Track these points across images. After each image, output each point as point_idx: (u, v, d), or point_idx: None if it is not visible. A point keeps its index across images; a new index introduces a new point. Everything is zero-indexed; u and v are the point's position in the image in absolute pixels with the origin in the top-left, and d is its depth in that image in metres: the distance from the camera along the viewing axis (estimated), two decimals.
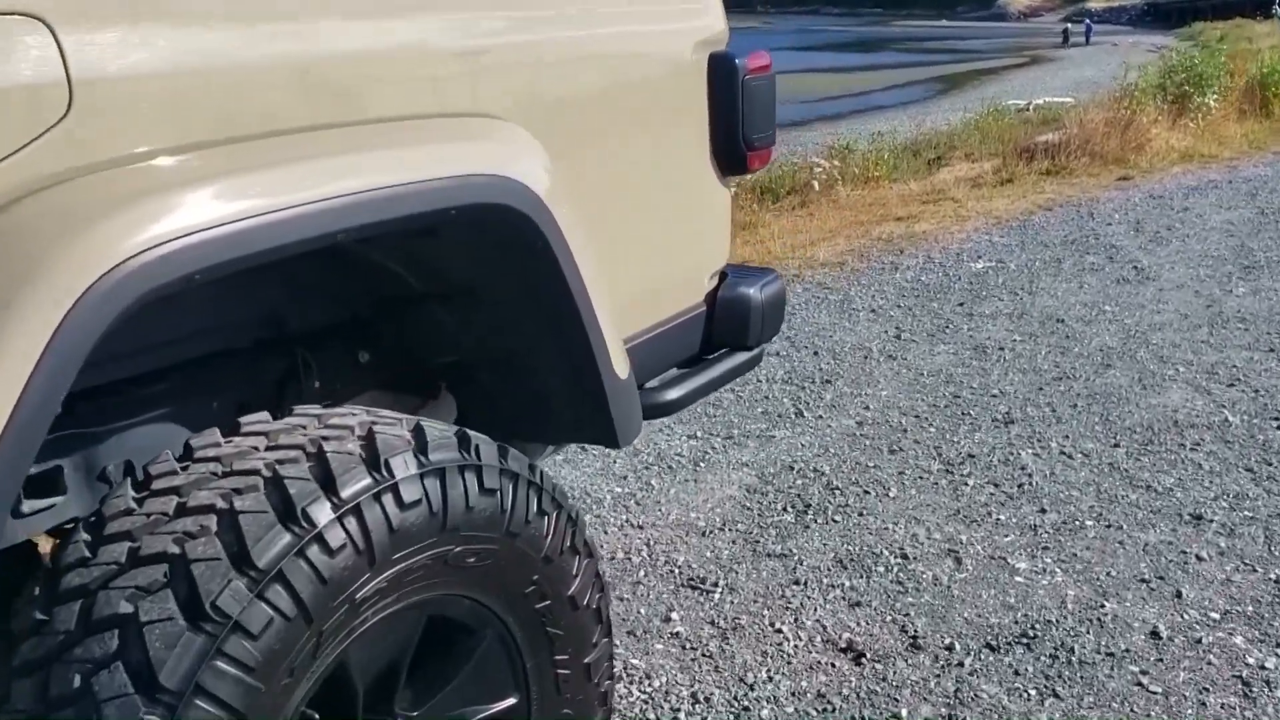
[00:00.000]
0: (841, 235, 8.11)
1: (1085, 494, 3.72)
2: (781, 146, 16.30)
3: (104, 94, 1.26)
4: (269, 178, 1.37)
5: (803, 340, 5.51)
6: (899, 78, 40.00)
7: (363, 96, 1.53)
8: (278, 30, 1.44)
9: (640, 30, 2.20)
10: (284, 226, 1.35)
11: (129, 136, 1.26)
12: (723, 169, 2.44)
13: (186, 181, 1.29)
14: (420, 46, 1.65)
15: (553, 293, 1.83)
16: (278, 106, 1.42)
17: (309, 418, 1.58)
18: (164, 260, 1.24)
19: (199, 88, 1.33)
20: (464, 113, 1.73)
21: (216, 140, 1.34)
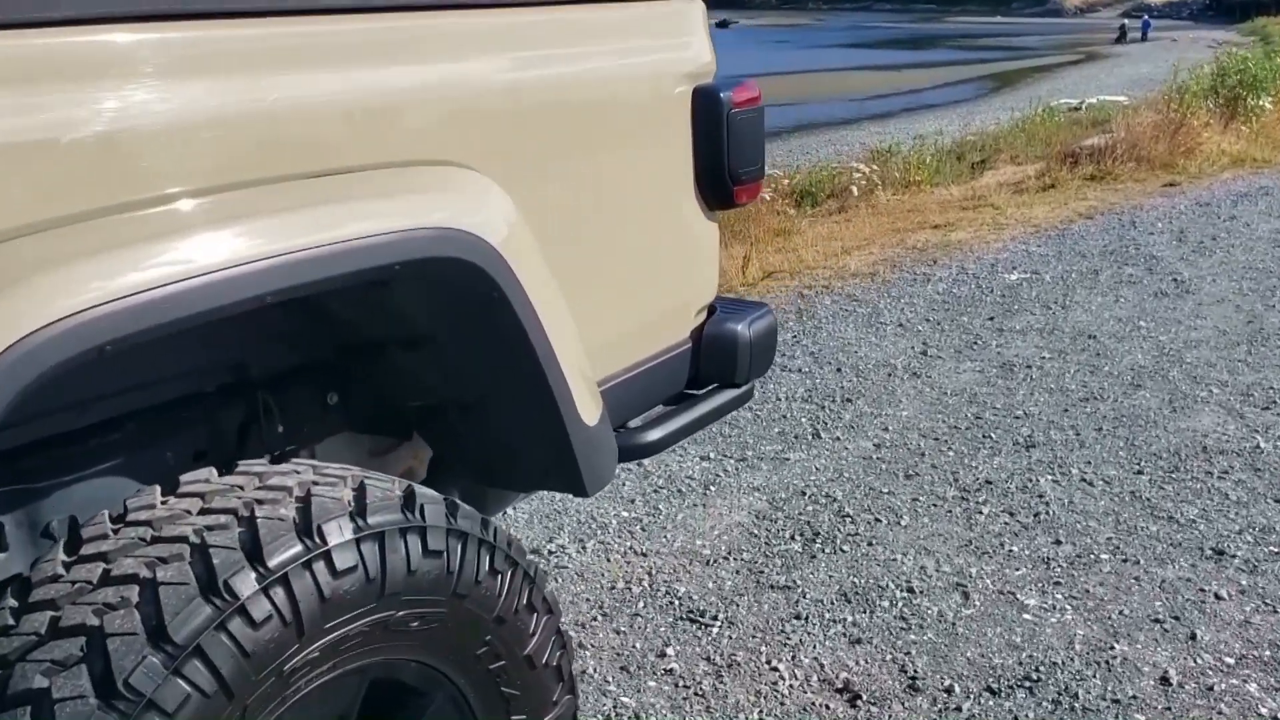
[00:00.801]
0: (876, 243, 8.00)
1: (1103, 525, 3.62)
2: (827, 147, 16.33)
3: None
4: (182, 245, 1.33)
5: (827, 356, 5.43)
6: (950, 75, 39.57)
7: (299, 152, 1.50)
8: (199, 87, 1.40)
9: (620, 67, 2.14)
10: (196, 294, 1.32)
11: (28, 205, 1.23)
12: (709, 203, 2.38)
13: (93, 251, 1.26)
14: (368, 98, 1.61)
15: (511, 343, 1.79)
16: (197, 167, 1.38)
17: (250, 476, 1.54)
18: (68, 335, 1.21)
19: (105, 151, 1.29)
20: (418, 161, 1.69)
21: (127, 205, 1.30)
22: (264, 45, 1.48)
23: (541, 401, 1.86)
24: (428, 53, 1.74)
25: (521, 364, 1.82)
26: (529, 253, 1.83)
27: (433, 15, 1.77)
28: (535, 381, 1.84)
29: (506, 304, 1.74)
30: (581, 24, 2.07)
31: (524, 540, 3.57)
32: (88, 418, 1.69)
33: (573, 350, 1.94)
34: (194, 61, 1.42)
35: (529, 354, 1.80)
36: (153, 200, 1.32)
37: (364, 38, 1.62)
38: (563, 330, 1.91)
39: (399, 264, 1.57)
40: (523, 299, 1.76)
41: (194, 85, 1.40)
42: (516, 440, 1.97)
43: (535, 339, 1.80)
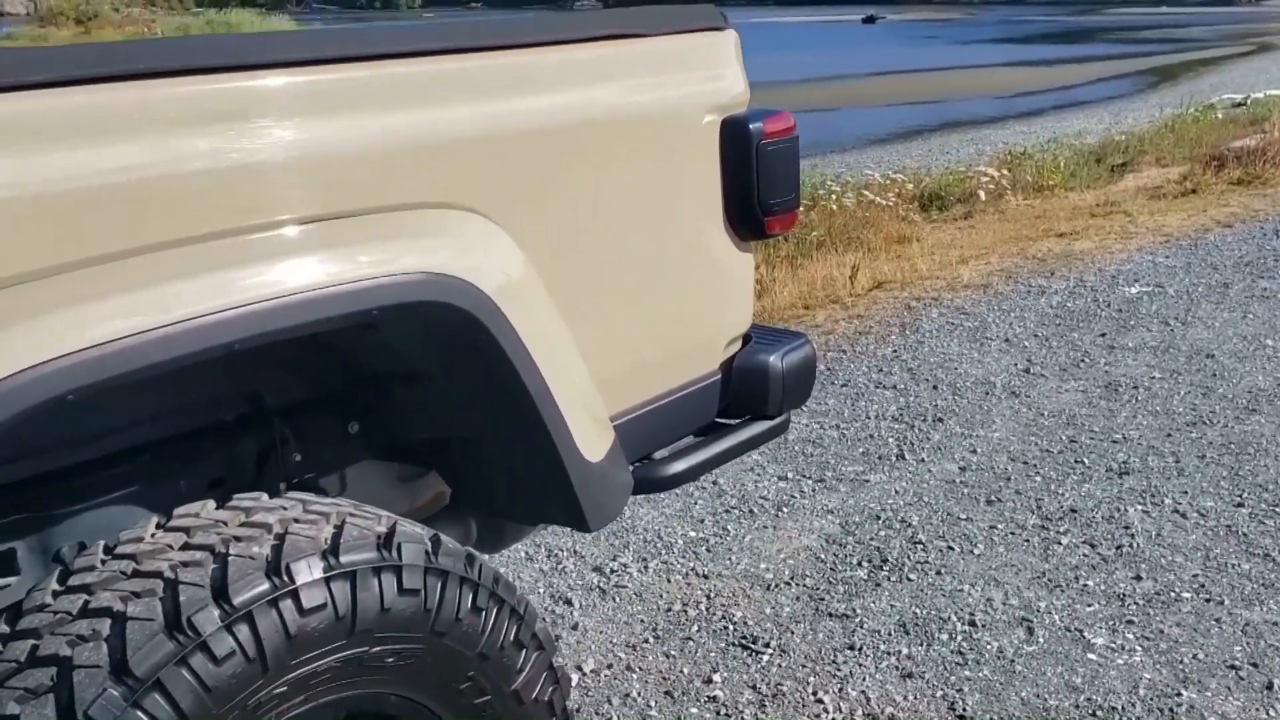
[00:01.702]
0: (996, 252, 7.78)
1: (1191, 560, 3.45)
2: (969, 146, 15.93)
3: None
4: (143, 296, 1.40)
5: (925, 372, 5.31)
6: (1106, 70, 38.14)
7: (281, 201, 1.55)
8: (172, 143, 1.46)
9: (642, 102, 2.14)
10: (150, 346, 1.38)
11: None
12: (740, 234, 2.37)
13: (56, 303, 1.33)
14: (359, 145, 1.65)
15: (503, 383, 1.81)
16: (162, 221, 1.44)
17: (237, 512, 1.61)
18: (24, 386, 1.29)
19: (65, 205, 1.36)
20: (412, 205, 1.72)
21: (95, 258, 1.37)
22: (241, 97, 1.54)
23: (537, 440, 1.88)
24: (428, 99, 1.77)
25: (515, 403, 1.84)
26: (527, 295, 1.86)
27: (434, 61, 1.80)
28: (529, 421, 1.86)
29: (496, 346, 1.76)
30: (599, 61, 2.08)
31: (587, 557, 3.61)
32: (99, 449, 1.78)
33: (575, 389, 1.96)
34: (187, 115, 1.48)
35: (522, 394, 1.83)
36: (115, 255, 1.38)
37: (355, 85, 1.67)
38: (563, 370, 1.92)
39: (376, 309, 1.61)
40: (514, 342, 1.79)
41: (172, 141, 1.47)
42: (516, 476, 2.00)
43: (529, 380, 1.82)
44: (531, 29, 2.05)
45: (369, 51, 1.72)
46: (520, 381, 1.81)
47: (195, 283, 1.46)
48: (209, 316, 1.45)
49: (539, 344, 1.85)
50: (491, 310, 1.75)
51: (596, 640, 3.16)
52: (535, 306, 1.89)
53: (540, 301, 1.91)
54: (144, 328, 1.38)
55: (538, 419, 1.86)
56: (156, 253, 1.46)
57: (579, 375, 2.00)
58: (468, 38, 1.89)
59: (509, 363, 1.79)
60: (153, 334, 1.41)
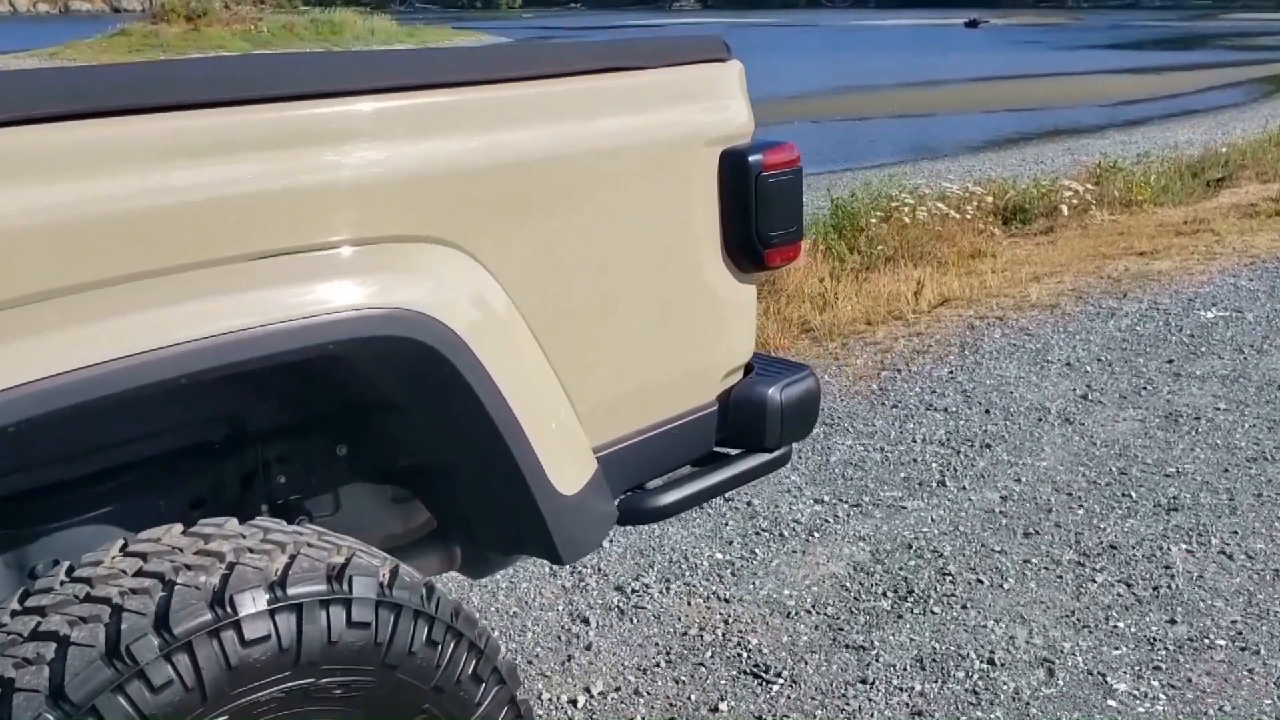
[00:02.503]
0: (1071, 270, 7.60)
1: (1231, 605, 3.33)
2: (1065, 156, 15.64)
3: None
4: (97, 329, 1.44)
5: (979, 395, 5.21)
6: (1218, 78, 36.98)
7: (240, 235, 1.57)
8: (134, 177, 1.49)
9: (635, 134, 2.13)
10: (92, 382, 1.42)
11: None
12: (741, 265, 2.34)
13: (10, 335, 1.38)
14: (326, 179, 1.67)
15: (470, 415, 1.82)
16: (121, 255, 1.47)
17: (196, 538, 1.64)
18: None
19: (21, 238, 1.40)
20: (383, 239, 1.74)
21: (40, 294, 1.41)
22: (206, 131, 1.57)
23: (506, 473, 1.89)
24: (402, 133, 1.79)
25: (483, 437, 1.85)
26: (501, 330, 1.87)
27: (410, 97, 1.82)
28: (498, 455, 1.87)
29: (462, 382, 1.77)
30: (590, 94, 2.08)
31: (610, 575, 3.61)
32: (76, 468, 1.83)
33: (550, 423, 1.96)
34: (153, 149, 1.52)
35: (490, 429, 1.83)
36: (62, 290, 1.42)
37: (324, 120, 1.69)
38: (538, 405, 1.93)
39: (333, 344, 1.63)
40: (482, 377, 1.79)
41: (134, 175, 1.50)
42: (488, 507, 2.01)
43: (497, 415, 1.83)
44: (520, 62, 2.06)
45: (343, 88, 1.74)
46: (488, 416, 1.82)
47: (148, 316, 1.49)
48: (158, 352, 1.48)
49: (510, 379, 1.85)
50: (458, 346, 1.76)
51: (608, 662, 3.16)
52: (510, 341, 1.89)
53: (516, 336, 1.92)
54: (95, 360, 1.42)
55: (506, 453, 1.87)
56: (115, 286, 1.50)
57: (557, 409, 2.00)
58: (450, 71, 1.90)
59: (476, 398, 1.80)
60: (103, 368, 1.45)
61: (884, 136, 26.35)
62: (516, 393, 1.87)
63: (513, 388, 1.86)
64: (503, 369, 1.84)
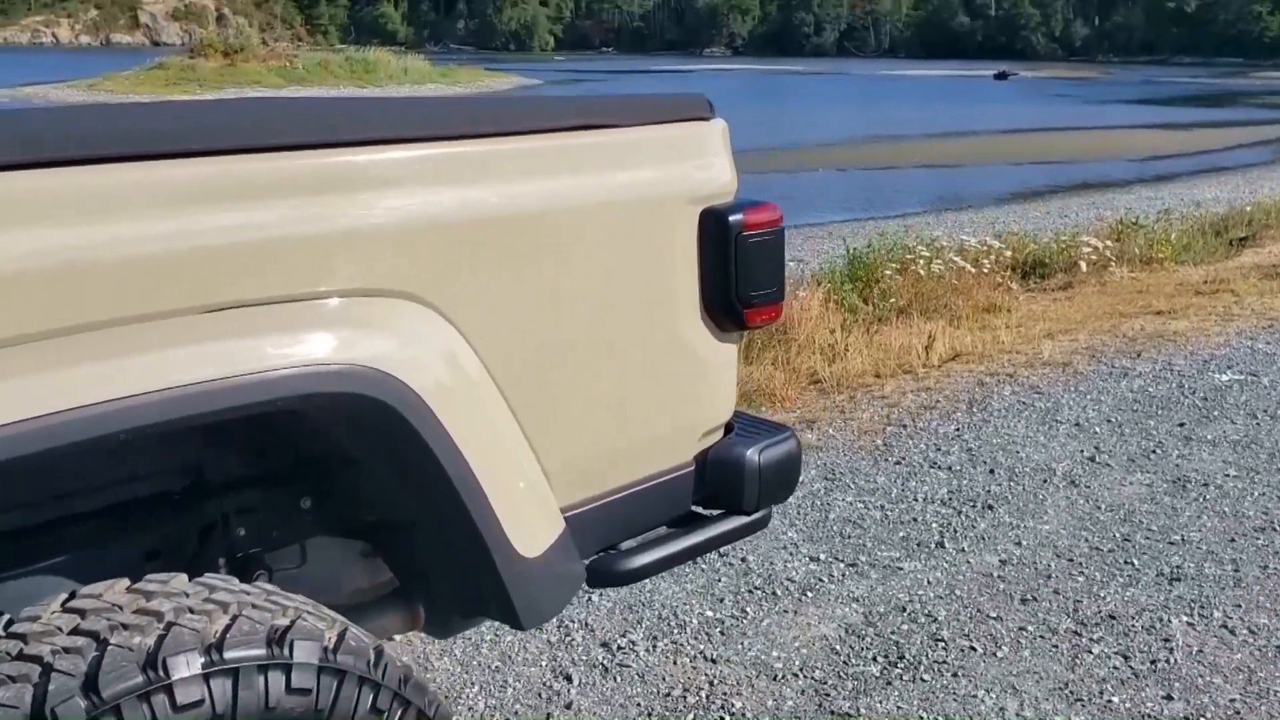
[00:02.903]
0: (1086, 328, 7.52)
1: (1231, 682, 3.24)
2: (1089, 210, 15.54)
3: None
4: (33, 382, 1.41)
5: (984, 454, 5.13)
6: (1248, 136, 36.91)
7: (191, 286, 1.55)
8: (81, 228, 1.48)
9: (616, 190, 2.11)
10: (43, 433, 1.40)
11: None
12: (721, 325, 2.31)
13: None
14: (284, 232, 1.65)
15: (427, 475, 1.79)
16: (65, 306, 1.45)
17: (137, 595, 1.61)
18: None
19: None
20: (342, 293, 1.72)
21: None
22: (151, 183, 1.55)
23: (465, 535, 1.85)
24: (372, 185, 1.77)
25: (441, 497, 1.81)
26: (464, 388, 1.83)
27: (380, 150, 1.80)
28: (456, 516, 1.83)
29: (420, 440, 1.74)
30: (566, 150, 2.06)
31: (597, 631, 3.55)
32: (28, 518, 1.81)
33: (514, 484, 1.92)
34: (97, 200, 1.50)
35: (448, 489, 1.80)
36: (6, 340, 1.40)
37: (286, 173, 1.67)
38: (502, 465, 1.89)
39: (281, 400, 1.61)
40: (440, 436, 1.76)
41: (81, 225, 1.49)
42: (446, 567, 1.97)
43: (455, 476, 1.79)
44: (496, 117, 2.05)
45: (307, 140, 1.72)
46: (446, 477, 1.79)
47: (97, 369, 1.47)
48: (100, 405, 1.45)
49: (473, 439, 1.82)
50: (417, 405, 1.73)
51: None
52: (475, 400, 1.86)
53: (483, 394, 1.89)
54: (41, 412, 1.40)
55: (464, 515, 1.83)
56: (66, 337, 1.48)
57: (523, 469, 1.96)
58: (422, 125, 1.89)
59: (434, 458, 1.77)
60: (49, 420, 1.42)
61: (909, 186, 26.36)
62: (479, 453, 1.83)
63: (475, 448, 1.83)
64: (465, 429, 1.81)
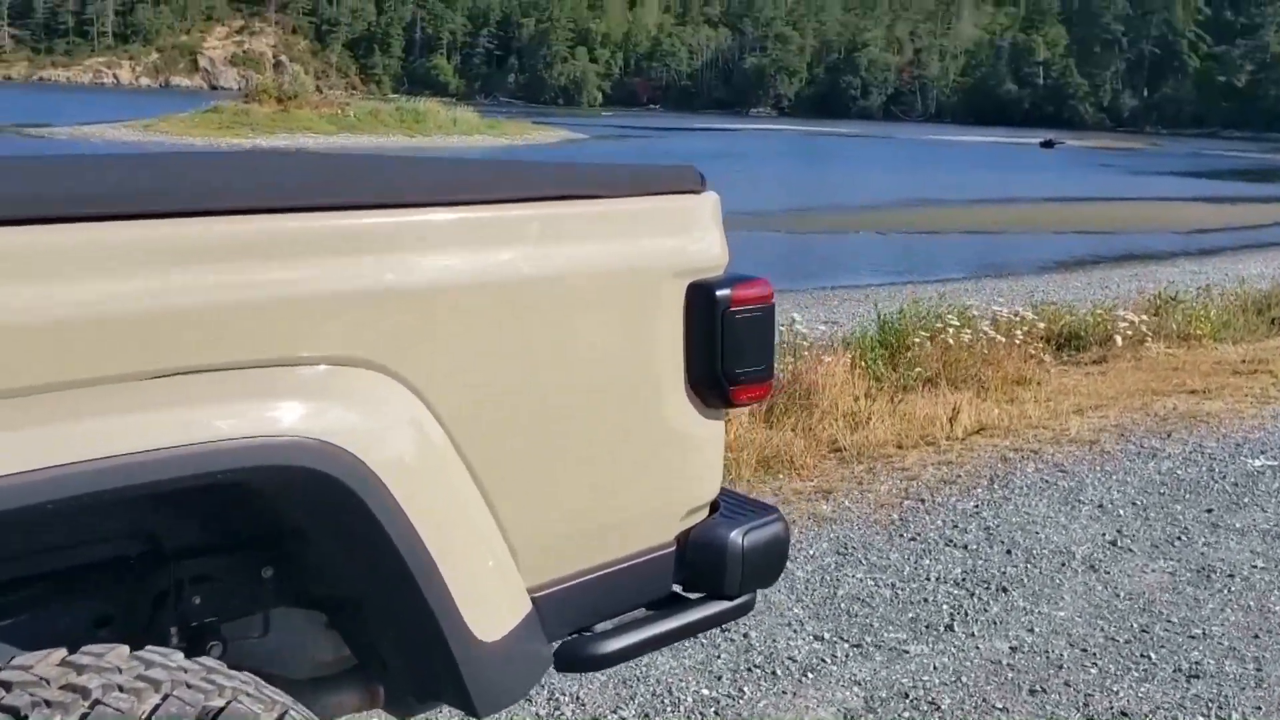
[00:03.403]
0: (1117, 405, 7.37)
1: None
2: (1130, 282, 15.32)
3: None
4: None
5: (1003, 533, 4.99)
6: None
7: (129, 353, 1.50)
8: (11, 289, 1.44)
9: (596, 262, 2.06)
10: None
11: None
12: (706, 402, 2.24)
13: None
14: (240, 294, 1.61)
15: (380, 554, 1.72)
16: None
17: (67, 669, 1.55)
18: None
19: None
20: (297, 361, 1.67)
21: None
22: (89, 244, 1.51)
23: (417, 616, 1.78)
24: (332, 250, 1.73)
25: (392, 576, 1.75)
26: (423, 462, 1.78)
27: (348, 216, 1.76)
28: (409, 596, 1.76)
29: (370, 517, 1.68)
30: (551, 219, 2.01)
31: (588, 705, 3.45)
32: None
33: (474, 564, 1.85)
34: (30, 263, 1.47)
35: (400, 568, 1.73)
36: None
37: (240, 235, 1.63)
38: (462, 544, 1.83)
39: (220, 472, 1.55)
40: (393, 513, 1.70)
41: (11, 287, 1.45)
42: (399, 649, 1.90)
43: (409, 555, 1.73)
44: (474, 185, 2.01)
45: (269, 204, 1.69)
46: (398, 555, 1.72)
47: (17, 437, 1.42)
48: (22, 476, 1.41)
49: (430, 517, 1.76)
50: (368, 479, 1.67)
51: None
52: (435, 475, 1.80)
53: (445, 469, 1.82)
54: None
55: (417, 596, 1.76)
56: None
57: (486, 548, 1.90)
58: (392, 191, 1.86)
59: (385, 535, 1.70)
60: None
61: (950, 252, 26.27)
62: (436, 532, 1.77)
63: (432, 526, 1.76)
64: (422, 506, 1.75)
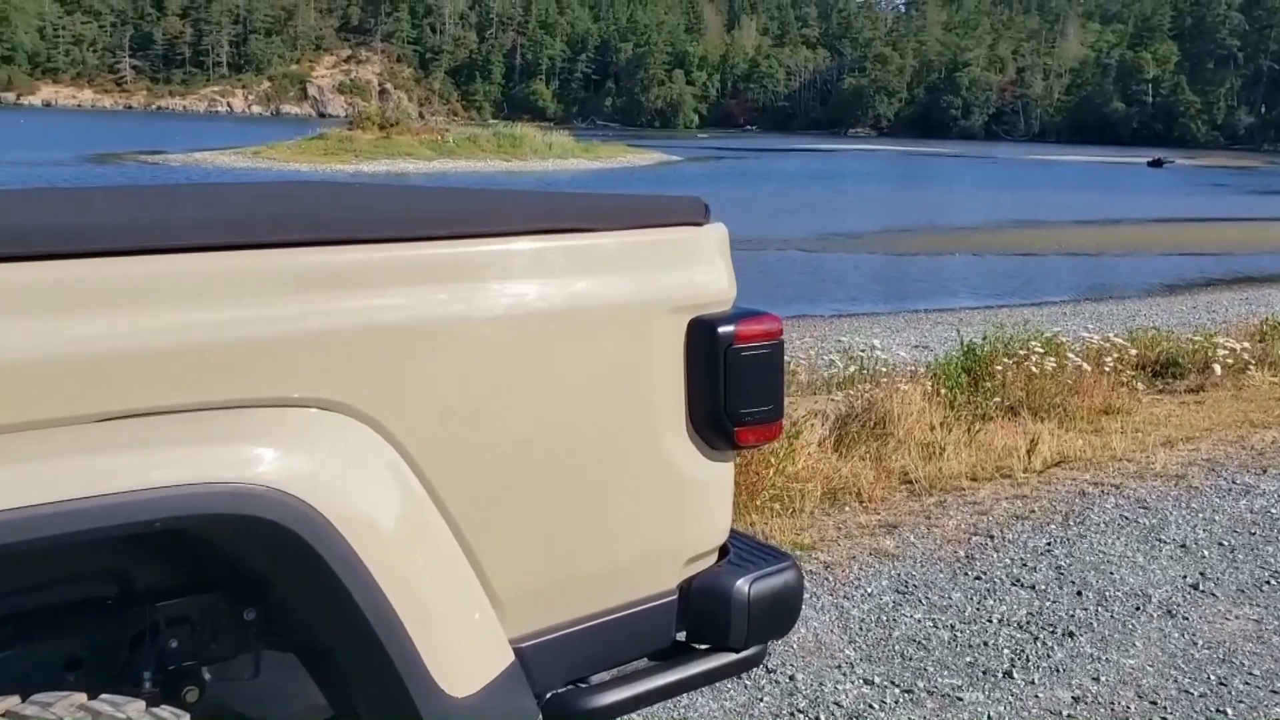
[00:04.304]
0: (1210, 437, 7.03)
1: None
2: (1241, 306, 14.72)
3: None
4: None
5: (1075, 572, 4.76)
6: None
7: (64, 397, 1.47)
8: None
9: (590, 295, 1.97)
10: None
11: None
12: (710, 443, 2.14)
13: None
14: (188, 335, 1.57)
15: (336, 604, 1.65)
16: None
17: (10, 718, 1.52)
18: None
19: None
20: (247, 403, 1.61)
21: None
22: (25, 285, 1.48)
23: (380, 670, 1.71)
24: (291, 289, 1.67)
25: (350, 626, 1.68)
26: (392, 507, 1.71)
27: (300, 253, 1.71)
28: (368, 647, 1.69)
29: (323, 565, 1.61)
30: (534, 254, 1.94)
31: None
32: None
33: (444, 615, 1.77)
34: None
35: (357, 617, 1.66)
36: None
37: (181, 276, 1.59)
38: (428, 595, 1.75)
39: (159, 521, 1.50)
40: (348, 561, 1.63)
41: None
42: (366, 702, 1.82)
43: (367, 606, 1.65)
44: (452, 218, 1.94)
45: (232, 240, 1.64)
46: (357, 608, 1.65)
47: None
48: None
49: (392, 567, 1.68)
50: (320, 527, 1.60)
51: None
52: (402, 523, 1.73)
53: (415, 516, 1.75)
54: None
55: (380, 650, 1.69)
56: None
57: (460, 599, 1.82)
58: (360, 225, 1.80)
59: (342, 586, 1.64)
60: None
61: (1050, 274, 25.62)
62: (400, 583, 1.70)
63: (396, 578, 1.69)
64: (384, 556, 1.68)
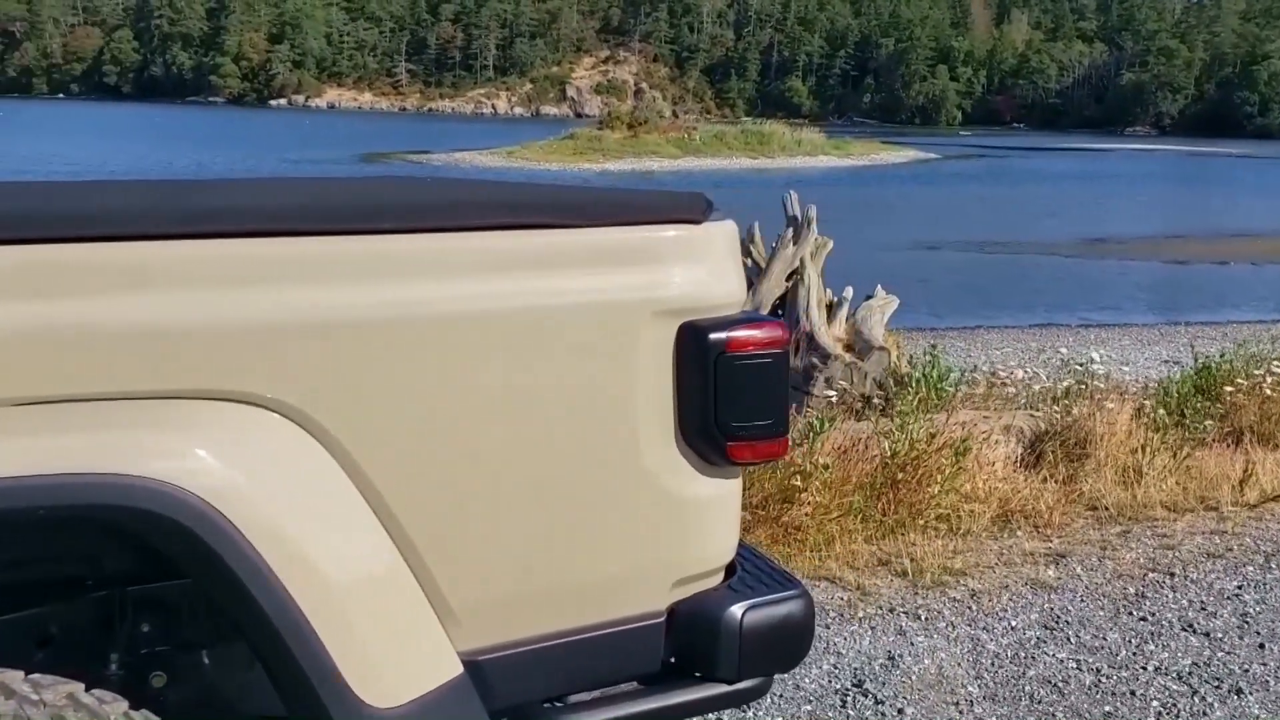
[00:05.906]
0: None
1: None
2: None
3: None
4: None
5: (1261, 623, 4.22)
6: None
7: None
8: None
9: (562, 293, 1.85)
10: None
11: None
12: (705, 458, 1.97)
13: None
14: (80, 320, 1.56)
15: (242, 606, 1.61)
16: None
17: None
18: None
19: None
20: (149, 394, 1.59)
21: None
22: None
23: (290, 674, 1.65)
24: (204, 280, 1.65)
25: (257, 630, 1.63)
26: (299, 506, 1.65)
27: (256, 243, 1.68)
28: (279, 651, 1.63)
29: (222, 565, 1.57)
30: (490, 249, 1.84)
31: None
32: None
33: (363, 623, 1.69)
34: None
35: (263, 622, 1.61)
36: None
37: (89, 262, 1.58)
38: (344, 601, 1.67)
39: (43, 509, 1.49)
40: (250, 562, 1.58)
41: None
42: (285, 703, 1.76)
43: (271, 608, 1.60)
44: (417, 211, 1.87)
45: (176, 229, 1.64)
46: (261, 610, 1.60)
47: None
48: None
49: (301, 569, 1.62)
50: (216, 525, 1.56)
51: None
52: (315, 525, 1.66)
53: (334, 519, 1.69)
54: None
55: (287, 653, 1.63)
56: None
57: (391, 607, 1.74)
58: (299, 216, 1.76)
59: (244, 587, 1.59)
60: None
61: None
62: (312, 586, 1.63)
63: (307, 580, 1.63)
64: (294, 557, 1.62)
